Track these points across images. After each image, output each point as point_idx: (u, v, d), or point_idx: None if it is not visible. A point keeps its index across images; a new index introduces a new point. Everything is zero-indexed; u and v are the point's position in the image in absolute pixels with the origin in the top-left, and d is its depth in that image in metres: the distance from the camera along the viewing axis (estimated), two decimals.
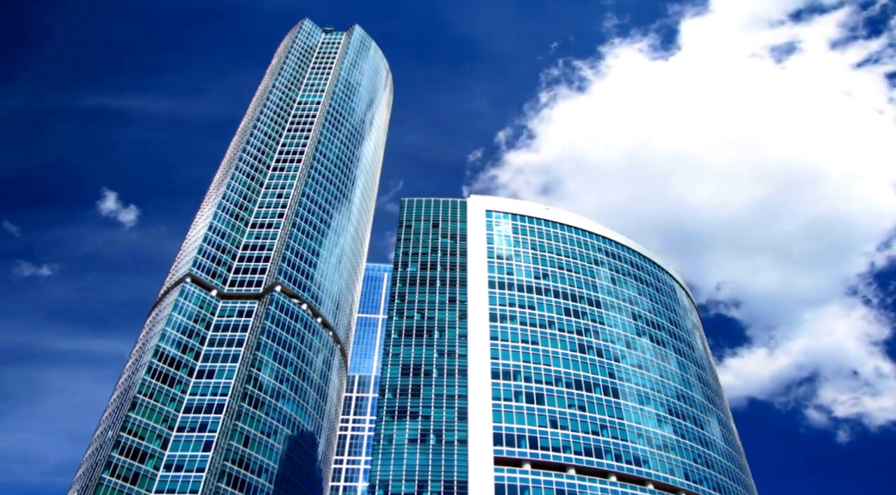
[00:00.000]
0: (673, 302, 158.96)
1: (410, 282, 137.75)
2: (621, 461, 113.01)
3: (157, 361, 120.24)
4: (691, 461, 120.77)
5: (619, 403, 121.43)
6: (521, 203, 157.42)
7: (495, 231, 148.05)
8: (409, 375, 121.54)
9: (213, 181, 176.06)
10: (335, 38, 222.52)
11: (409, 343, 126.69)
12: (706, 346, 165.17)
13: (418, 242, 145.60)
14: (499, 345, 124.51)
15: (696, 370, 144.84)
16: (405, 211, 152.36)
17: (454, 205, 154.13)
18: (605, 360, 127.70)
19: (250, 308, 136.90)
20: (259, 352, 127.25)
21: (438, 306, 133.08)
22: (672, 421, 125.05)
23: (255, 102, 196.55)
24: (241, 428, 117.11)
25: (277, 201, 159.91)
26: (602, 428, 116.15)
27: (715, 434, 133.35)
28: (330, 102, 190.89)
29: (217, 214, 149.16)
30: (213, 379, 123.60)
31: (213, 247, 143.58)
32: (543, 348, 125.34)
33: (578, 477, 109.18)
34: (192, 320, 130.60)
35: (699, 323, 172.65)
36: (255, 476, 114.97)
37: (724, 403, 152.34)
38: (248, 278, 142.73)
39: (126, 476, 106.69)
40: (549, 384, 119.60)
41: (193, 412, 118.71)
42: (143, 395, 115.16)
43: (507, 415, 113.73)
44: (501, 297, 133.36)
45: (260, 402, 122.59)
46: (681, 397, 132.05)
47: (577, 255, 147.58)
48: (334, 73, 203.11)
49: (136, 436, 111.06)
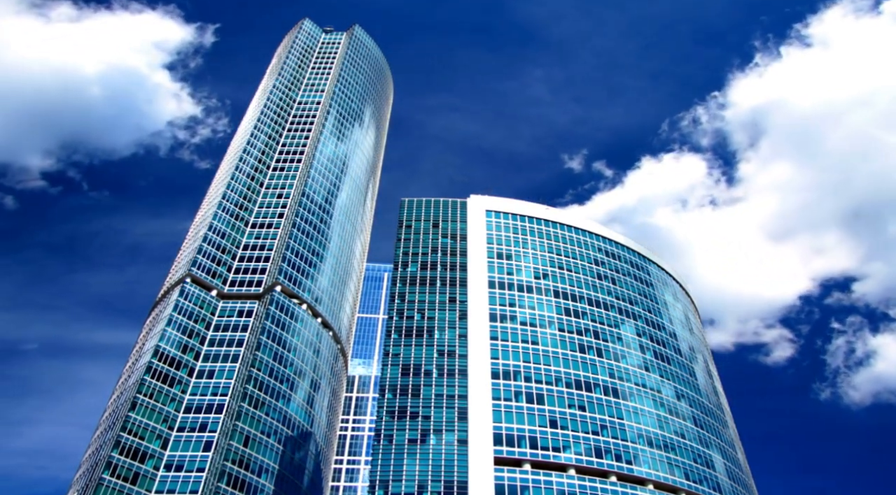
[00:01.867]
0: (673, 301, 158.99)
1: (410, 282, 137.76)
2: (621, 461, 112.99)
3: (157, 361, 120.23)
4: (691, 461, 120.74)
5: (619, 403, 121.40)
6: (522, 203, 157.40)
7: (495, 231, 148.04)
8: (409, 375, 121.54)
9: (213, 181, 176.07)
10: (335, 38, 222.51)
11: (409, 343, 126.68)
12: (706, 345, 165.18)
13: (418, 242, 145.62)
14: (499, 345, 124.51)
15: (696, 369, 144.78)
16: (405, 211, 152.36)
17: (454, 205, 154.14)
18: (605, 360, 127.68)
19: (250, 308, 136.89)
20: (259, 352, 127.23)
21: (438, 306, 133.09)
22: (672, 421, 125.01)
23: (255, 102, 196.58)
24: (241, 428, 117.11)
25: (277, 201, 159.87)
26: (602, 428, 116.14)
27: (715, 434, 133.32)
28: (330, 102, 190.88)
29: (217, 214, 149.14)
30: (213, 380, 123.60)
31: (213, 247, 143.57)
32: (543, 348, 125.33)
33: (578, 477, 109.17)
34: (192, 320, 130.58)
35: (699, 322, 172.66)
36: (255, 476, 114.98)
37: (725, 402, 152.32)
38: (247, 278, 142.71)
39: (126, 476, 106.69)
40: (549, 384, 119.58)
41: (193, 412, 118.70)
42: (143, 395, 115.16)
43: (507, 415, 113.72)
44: (501, 297, 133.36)
45: (260, 402, 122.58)
46: (681, 397, 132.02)
47: (577, 255, 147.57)
48: (334, 73, 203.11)
49: (136, 436, 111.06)
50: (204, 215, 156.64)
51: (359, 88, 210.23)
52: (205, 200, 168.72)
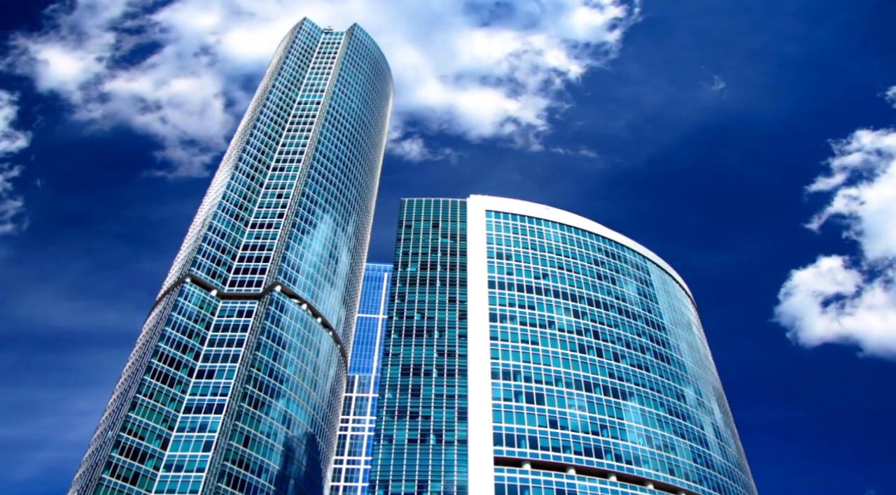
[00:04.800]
0: (673, 301, 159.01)
1: (410, 282, 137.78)
2: (621, 461, 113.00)
3: (157, 361, 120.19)
4: (691, 461, 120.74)
5: (619, 403, 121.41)
6: (521, 203, 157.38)
7: (495, 231, 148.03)
8: (409, 375, 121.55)
9: (212, 181, 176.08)
10: (335, 38, 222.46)
11: (409, 343, 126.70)
12: (706, 345, 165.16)
13: (418, 242, 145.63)
14: (499, 345, 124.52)
15: (696, 369, 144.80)
16: (405, 211, 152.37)
17: (454, 205, 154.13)
18: (605, 360, 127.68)
19: (250, 308, 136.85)
20: (259, 352, 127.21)
21: (438, 306, 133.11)
22: (672, 421, 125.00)
23: (255, 102, 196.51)
24: (241, 428, 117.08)
25: (277, 201, 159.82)
26: (602, 428, 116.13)
27: (715, 434, 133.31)
28: (330, 102, 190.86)
29: (217, 214, 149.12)
30: (213, 380, 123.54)
31: (213, 247, 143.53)
32: (543, 348, 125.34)
33: (578, 477, 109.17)
34: (192, 320, 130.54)
35: (699, 321, 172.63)
36: (255, 476, 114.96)
37: (725, 402, 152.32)
38: (247, 278, 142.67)
39: (126, 476, 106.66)
40: (549, 384, 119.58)
41: (193, 412, 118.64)
42: (143, 395, 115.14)
43: (507, 415, 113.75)
44: (501, 297, 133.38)
45: (260, 402, 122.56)
46: (681, 397, 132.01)
47: (577, 255, 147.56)
48: (334, 73, 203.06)
49: (136, 436, 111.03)
50: (204, 215, 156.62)
51: (359, 88, 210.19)
52: (205, 200, 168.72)
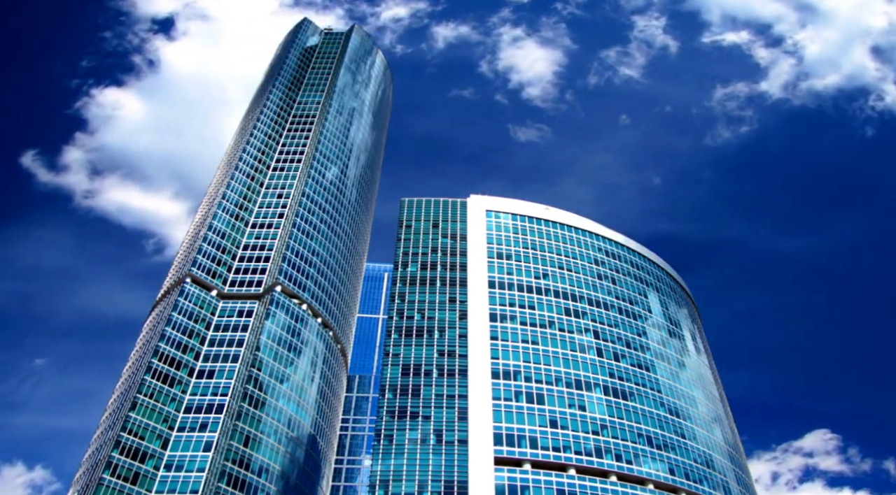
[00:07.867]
0: (672, 301, 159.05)
1: (410, 282, 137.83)
2: (621, 461, 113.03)
3: (157, 361, 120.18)
4: (691, 461, 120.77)
5: (619, 403, 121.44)
6: (522, 203, 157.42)
7: (495, 231, 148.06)
8: (410, 375, 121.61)
9: (212, 181, 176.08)
10: (335, 38, 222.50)
11: (409, 343, 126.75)
12: (706, 344, 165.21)
13: (418, 242, 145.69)
14: (499, 344, 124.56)
15: (696, 369, 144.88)
16: (405, 211, 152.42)
17: (454, 205, 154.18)
18: (605, 360, 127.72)
19: (250, 308, 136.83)
20: (259, 352, 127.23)
21: (438, 306, 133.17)
22: (672, 420, 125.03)
23: (255, 102, 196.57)
24: (241, 428, 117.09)
25: (277, 201, 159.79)
26: (602, 428, 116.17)
27: (715, 433, 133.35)
28: (330, 102, 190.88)
29: (217, 214, 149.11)
30: (214, 380, 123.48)
31: (213, 247, 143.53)
32: (543, 348, 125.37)
33: (578, 477, 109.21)
34: (192, 320, 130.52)
35: (699, 321, 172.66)
36: (255, 476, 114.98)
37: (725, 402, 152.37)
38: (248, 278, 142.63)
39: (126, 476, 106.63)
40: (549, 384, 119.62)
41: (194, 412, 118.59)
42: (143, 395, 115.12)
43: (508, 415, 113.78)
44: (501, 297, 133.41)
45: (260, 402, 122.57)
46: (681, 397, 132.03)
47: (577, 255, 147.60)
48: (334, 72, 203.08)
49: (137, 436, 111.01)
50: (204, 215, 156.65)
51: (358, 88, 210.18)
52: (205, 200, 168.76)
